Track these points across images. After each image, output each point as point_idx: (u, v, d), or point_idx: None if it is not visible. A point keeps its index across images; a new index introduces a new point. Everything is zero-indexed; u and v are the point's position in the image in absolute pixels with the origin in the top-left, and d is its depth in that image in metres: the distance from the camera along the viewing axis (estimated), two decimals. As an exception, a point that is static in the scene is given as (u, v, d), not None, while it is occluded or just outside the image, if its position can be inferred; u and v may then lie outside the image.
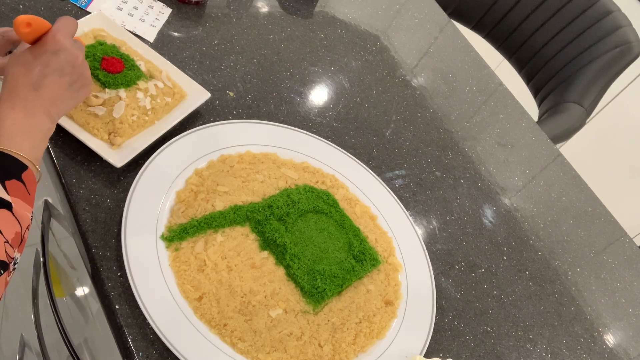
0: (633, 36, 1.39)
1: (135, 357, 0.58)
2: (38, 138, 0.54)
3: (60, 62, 0.56)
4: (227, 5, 1.01)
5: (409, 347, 0.70)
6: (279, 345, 0.64)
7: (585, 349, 0.86)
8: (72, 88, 0.58)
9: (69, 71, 0.57)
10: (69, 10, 0.84)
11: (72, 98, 0.59)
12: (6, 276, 0.48)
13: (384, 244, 0.79)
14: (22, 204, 0.50)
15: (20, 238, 0.50)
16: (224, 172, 0.75)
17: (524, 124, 1.20)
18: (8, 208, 0.49)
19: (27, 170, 0.52)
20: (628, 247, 1.08)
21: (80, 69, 0.58)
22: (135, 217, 0.65)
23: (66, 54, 0.57)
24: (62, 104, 0.58)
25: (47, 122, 0.56)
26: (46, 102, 0.56)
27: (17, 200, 0.50)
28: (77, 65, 0.58)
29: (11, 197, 0.49)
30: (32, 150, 0.53)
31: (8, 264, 0.48)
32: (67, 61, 0.57)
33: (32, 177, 0.53)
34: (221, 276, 0.66)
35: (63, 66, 0.56)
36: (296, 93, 0.94)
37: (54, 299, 0.78)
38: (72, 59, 0.57)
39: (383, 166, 0.92)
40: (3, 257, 0.47)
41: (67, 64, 0.57)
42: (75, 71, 0.58)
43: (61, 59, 0.56)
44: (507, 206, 1.00)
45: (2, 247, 0.47)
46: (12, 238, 0.49)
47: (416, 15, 1.29)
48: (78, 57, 0.58)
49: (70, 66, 0.57)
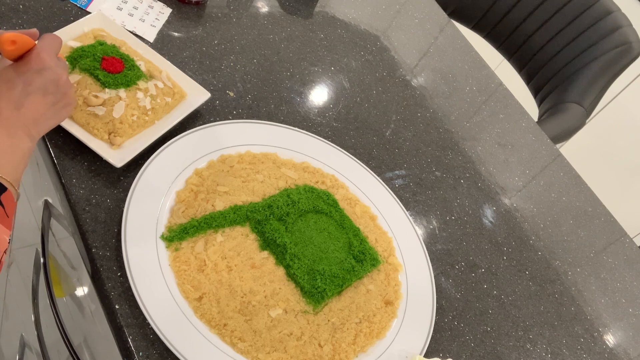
0: (633, 36, 1.39)
1: (135, 357, 0.58)
2: (18, 158, 0.53)
3: (43, 80, 0.55)
4: (227, 5, 1.01)
5: (409, 347, 0.70)
6: (279, 345, 0.64)
7: (585, 349, 0.86)
8: (55, 107, 0.57)
9: (52, 90, 0.56)
10: (69, 10, 0.84)
11: (54, 117, 0.58)
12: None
13: (384, 244, 0.79)
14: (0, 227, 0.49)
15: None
16: (224, 172, 0.75)
17: (524, 124, 1.20)
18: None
19: (6, 191, 0.50)
20: (628, 247, 1.08)
21: (64, 88, 0.57)
22: (135, 217, 0.65)
23: (50, 73, 0.56)
24: (44, 124, 0.56)
25: (28, 142, 0.54)
26: (28, 122, 0.54)
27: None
28: (60, 85, 0.57)
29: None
30: (12, 171, 0.52)
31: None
32: (51, 80, 0.56)
33: (11, 198, 0.51)
34: (221, 276, 0.66)
35: (46, 85, 0.55)
36: (296, 93, 0.94)
37: (54, 299, 0.78)
38: (56, 78, 0.56)
39: (383, 166, 0.92)
40: None
41: (50, 83, 0.56)
42: (59, 90, 0.57)
43: (45, 78, 0.55)
44: (507, 206, 1.00)
45: None
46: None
47: (416, 15, 1.29)
48: (62, 76, 0.57)
49: (54, 85, 0.56)
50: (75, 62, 0.74)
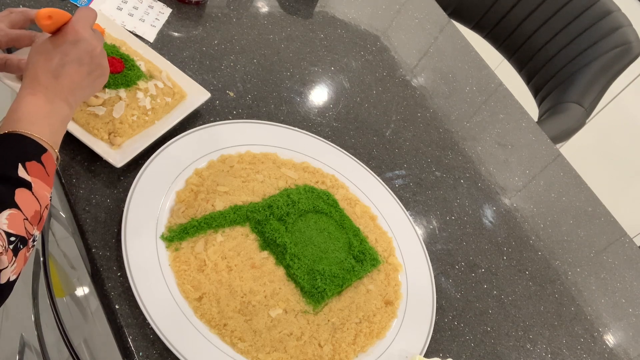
0: (633, 36, 1.39)
1: (135, 357, 0.58)
2: (57, 123, 0.57)
3: (79, 51, 0.58)
4: (227, 5, 1.01)
5: (409, 347, 0.70)
6: (279, 345, 0.64)
7: (585, 349, 0.86)
8: (90, 77, 0.61)
9: (87, 61, 0.59)
10: (69, 10, 0.84)
11: (89, 87, 0.61)
12: (25, 251, 0.50)
13: (384, 244, 0.79)
14: (41, 184, 0.53)
15: (39, 217, 0.52)
16: (224, 172, 0.75)
17: (524, 124, 1.20)
18: (28, 188, 0.51)
19: (46, 152, 0.54)
20: (628, 247, 1.08)
21: (98, 58, 0.61)
22: (135, 217, 0.65)
23: (85, 44, 0.59)
24: (80, 92, 0.60)
25: (66, 109, 0.58)
26: (65, 90, 0.58)
27: (36, 180, 0.52)
28: (95, 55, 0.60)
29: (31, 177, 0.52)
30: (52, 135, 0.56)
31: (27, 240, 0.50)
32: (86, 51, 0.59)
33: (51, 159, 0.55)
34: (221, 276, 0.66)
35: (82, 56, 0.59)
36: (296, 93, 0.94)
37: (54, 299, 0.78)
38: (91, 49, 0.59)
39: (383, 166, 0.92)
40: (23, 233, 0.49)
41: (85, 54, 0.59)
42: (93, 61, 0.60)
43: (80, 49, 0.58)
44: (507, 206, 1.00)
45: (22, 223, 0.49)
46: (32, 216, 0.51)
47: (416, 15, 1.29)
48: (96, 48, 0.60)
49: (89, 56, 0.59)
50: (75, 62, 0.74)
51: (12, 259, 0.48)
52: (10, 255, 0.48)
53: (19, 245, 0.49)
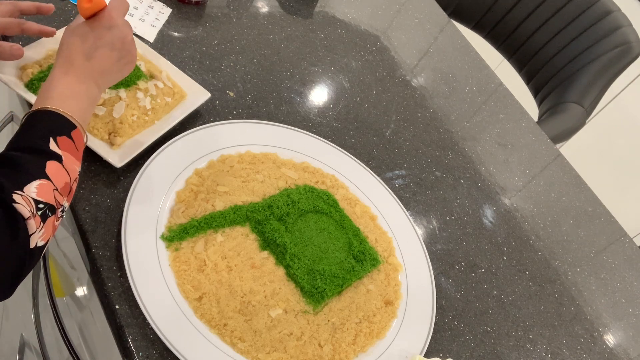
0: (633, 36, 1.39)
1: (135, 357, 0.58)
2: (87, 103, 0.60)
3: (112, 37, 0.61)
4: (227, 5, 1.01)
5: (409, 347, 0.70)
6: (279, 345, 0.64)
7: (585, 349, 0.86)
8: (120, 62, 0.63)
9: (119, 46, 0.62)
10: (69, 10, 0.84)
11: (118, 71, 0.64)
12: (54, 220, 0.53)
13: (384, 244, 0.79)
14: (71, 158, 0.55)
15: (69, 189, 0.55)
16: (224, 172, 0.75)
17: (524, 124, 1.20)
18: (59, 160, 0.54)
19: (75, 129, 0.57)
20: (628, 247, 1.08)
21: (129, 45, 0.64)
22: (135, 217, 0.65)
23: (118, 31, 0.62)
24: (109, 76, 0.63)
25: (95, 90, 0.61)
26: (95, 72, 0.61)
27: (66, 154, 0.55)
28: (126, 42, 0.63)
29: (62, 151, 0.54)
30: (81, 113, 0.58)
31: (56, 209, 0.53)
32: (118, 37, 0.62)
33: (80, 136, 0.58)
34: (221, 276, 0.66)
35: (114, 41, 0.62)
36: (296, 93, 0.94)
37: (54, 299, 0.78)
38: (123, 36, 0.62)
39: (383, 166, 0.92)
40: (52, 202, 0.52)
41: (117, 40, 0.62)
42: (124, 47, 0.63)
43: (113, 35, 0.61)
44: (507, 206, 1.00)
45: (52, 193, 0.52)
46: (62, 187, 0.54)
47: (416, 15, 1.29)
48: (128, 35, 0.63)
49: (120, 42, 0.62)
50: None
51: (40, 225, 0.50)
52: (38, 220, 0.50)
53: (48, 212, 0.51)
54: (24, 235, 0.49)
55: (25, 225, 0.49)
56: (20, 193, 0.49)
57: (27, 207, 0.49)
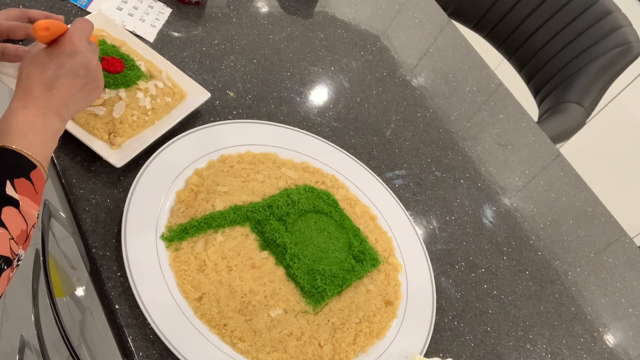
0: (633, 36, 1.39)
1: (135, 357, 0.58)
2: (48, 137, 0.55)
3: (74, 64, 0.58)
4: (227, 5, 1.01)
5: (409, 347, 0.70)
6: (279, 345, 0.64)
7: (585, 349, 0.86)
8: (84, 90, 0.60)
9: (83, 73, 0.58)
10: (69, 10, 0.84)
11: (83, 99, 0.60)
12: (9, 272, 0.48)
13: (384, 244, 0.79)
14: (29, 202, 0.51)
15: (26, 236, 0.51)
16: (224, 172, 0.75)
17: (524, 124, 1.20)
18: (15, 206, 0.49)
19: (35, 169, 0.53)
20: (628, 247, 1.08)
21: (94, 72, 0.60)
22: (135, 217, 0.65)
23: (81, 57, 0.58)
24: (73, 105, 0.59)
25: (58, 122, 0.57)
26: (58, 102, 0.57)
27: (24, 198, 0.51)
28: (90, 68, 0.59)
29: (19, 195, 0.50)
30: (42, 149, 0.54)
31: (12, 260, 0.49)
32: (81, 64, 0.58)
33: (41, 176, 0.53)
34: (221, 276, 0.66)
35: (77, 68, 0.58)
36: (296, 93, 0.94)
37: (54, 299, 0.78)
38: (87, 62, 0.59)
39: (383, 166, 0.92)
40: (7, 254, 0.48)
41: (81, 67, 0.58)
42: (89, 74, 0.59)
43: (76, 61, 0.58)
44: (507, 206, 1.00)
45: (7, 243, 0.48)
46: (18, 235, 0.49)
47: (416, 15, 1.29)
48: (92, 60, 0.59)
49: (84, 68, 0.58)
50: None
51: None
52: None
53: (3, 266, 0.47)
54: None
55: None
56: None
57: None
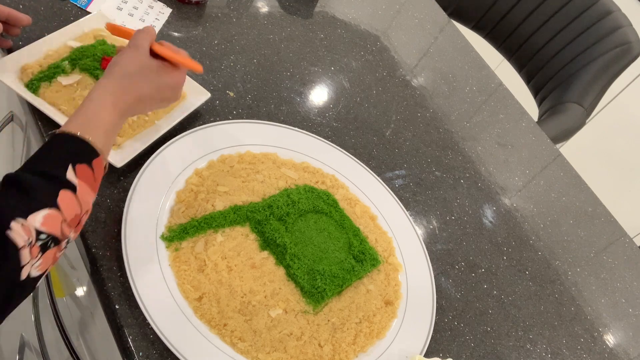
0: (633, 36, 1.39)
1: (135, 357, 0.58)
2: (114, 135, 0.59)
3: (170, 97, 0.65)
4: (227, 5, 1.01)
5: (409, 347, 0.70)
6: (279, 345, 0.64)
7: (585, 349, 0.86)
8: (159, 104, 0.66)
9: (168, 95, 0.65)
10: (69, 10, 0.84)
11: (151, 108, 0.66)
12: (55, 251, 0.50)
13: (384, 244, 0.79)
14: (86, 188, 0.53)
15: (78, 221, 0.53)
16: (224, 172, 0.75)
17: (524, 124, 1.20)
18: (73, 190, 0.52)
19: (98, 157, 0.55)
20: (628, 247, 1.08)
21: (176, 93, 0.67)
22: (135, 217, 0.65)
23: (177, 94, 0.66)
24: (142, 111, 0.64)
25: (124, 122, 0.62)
26: (135, 111, 0.62)
27: (83, 184, 0.53)
28: (176, 90, 0.66)
29: (78, 180, 0.52)
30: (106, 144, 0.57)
31: (60, 241, 0.50)
32: (172, 89, 0.65)
33: (101, 165, 0.56)
34: (221, 276, 0.66)
35: (169, 96, 0.65)
36: (296, 93, 0.94)
37: (54, 299, 0.78)
38: (177, 86, 0.66)
39: (383, 166, 0.92)
40: (57, 233, 0.50)
41: (170, 91, 0.65)
42: (173, 94, 0.66)
43: (173, 96, 0.66)
44: (507, 206, 1.00)
45: (59, 225, 0.50)
46: (71, 219, 0.51)
47: (416, 15, 1.29)
48: (180, 85, 0.66)
49: (170, 89, 0.65)
50: (75, 62, 0.74)
51: (37, 255, 0.48)
52: (36, 251, 0.48)
53: (50, 244, 0.49)
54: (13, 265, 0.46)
55: (17, 255, 0.46)
56: (22, 221, 0.46)
57: (24, 236, 0.46)
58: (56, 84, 0.71)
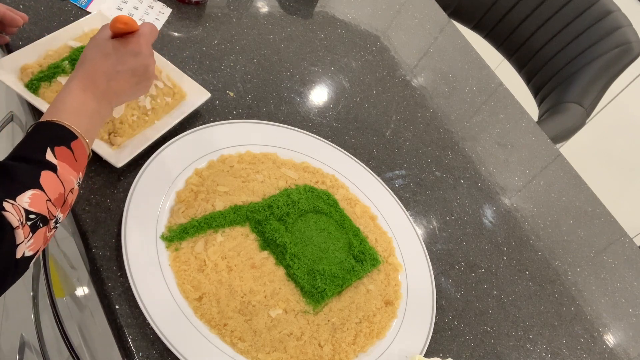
0: (633, 36, 1.39)
1: (135, 357, 0.58)
2: (96, 120, 0.61)
3: (136, 63, 0.63)
4: (227, 5, 1.01)
5: (409, 347, 0.70)
6: (279, 345, 0.64)
7: (585, 349, 0.86)
8: (137, 87, 0.65)
9: (140, 73, 0.64)
10: (69, 10, 0.84)
11: (132, 95, 0.66)
12: (45, 230, 0.52)
13: (384, 244, 0.79)
14: (67, 168, 0.55)
15: (63, 200, 0.54)
16: (224, 172, 0.75)
17: (524, 124, 1.20)
18: (53, 170, 0.53)
19: (77, 139, 0.57)
20: (628, 247, 1.08)
21: (150, 74, 0.66)
22: (135, 217, 0.65)
23: (142, 58, 0.64)
24: (123, 97, 0.64)
25: (108, 109, 0.63)
26: (112, 93, 0.62)
27: (63, 164, 0.55)
28: (149, 71, 0.65)
29: (58, 161, 0.54)
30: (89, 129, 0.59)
31: (49, 220, 0.52)
32: (142, 65, 0.64)
33: (82, 147, 0.58)
34: (221, 276, 0.66)
35: (137, 68, 0.64)
36: (296, 93, 0.94)
37: (54, 299, 0.78)
38: (147, 64, 0.65)
39: (383, 166, 0.92)
40: (44, 212, 0.51)
41: (141, 67, 0.64)
42: (146, 75, 0.65)
43: (138, 62, 0.63)
44: (507, 206, 1.00)
45: (45, 204, 0.52)
46: (55, 198, 0.53)
47: (416, 15, 1.29)
48: (151, 65, 0.65)
49: (143, 69, 0.64)
50: (75, 62, 0.74)
51: (29, 235, 0.50)
52: (27, 230, 0.50)
53: (39, 223, 0.51)
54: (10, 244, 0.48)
55: (12, 235, 0.48)
56: (12, 202, 0.49)
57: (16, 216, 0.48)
58: (56, 84, 0.71)
